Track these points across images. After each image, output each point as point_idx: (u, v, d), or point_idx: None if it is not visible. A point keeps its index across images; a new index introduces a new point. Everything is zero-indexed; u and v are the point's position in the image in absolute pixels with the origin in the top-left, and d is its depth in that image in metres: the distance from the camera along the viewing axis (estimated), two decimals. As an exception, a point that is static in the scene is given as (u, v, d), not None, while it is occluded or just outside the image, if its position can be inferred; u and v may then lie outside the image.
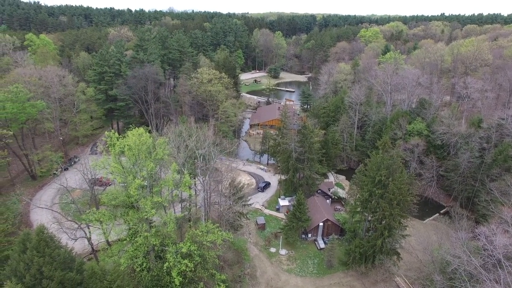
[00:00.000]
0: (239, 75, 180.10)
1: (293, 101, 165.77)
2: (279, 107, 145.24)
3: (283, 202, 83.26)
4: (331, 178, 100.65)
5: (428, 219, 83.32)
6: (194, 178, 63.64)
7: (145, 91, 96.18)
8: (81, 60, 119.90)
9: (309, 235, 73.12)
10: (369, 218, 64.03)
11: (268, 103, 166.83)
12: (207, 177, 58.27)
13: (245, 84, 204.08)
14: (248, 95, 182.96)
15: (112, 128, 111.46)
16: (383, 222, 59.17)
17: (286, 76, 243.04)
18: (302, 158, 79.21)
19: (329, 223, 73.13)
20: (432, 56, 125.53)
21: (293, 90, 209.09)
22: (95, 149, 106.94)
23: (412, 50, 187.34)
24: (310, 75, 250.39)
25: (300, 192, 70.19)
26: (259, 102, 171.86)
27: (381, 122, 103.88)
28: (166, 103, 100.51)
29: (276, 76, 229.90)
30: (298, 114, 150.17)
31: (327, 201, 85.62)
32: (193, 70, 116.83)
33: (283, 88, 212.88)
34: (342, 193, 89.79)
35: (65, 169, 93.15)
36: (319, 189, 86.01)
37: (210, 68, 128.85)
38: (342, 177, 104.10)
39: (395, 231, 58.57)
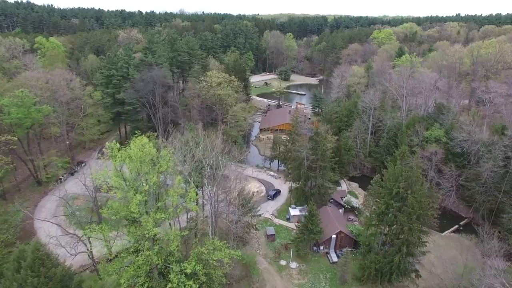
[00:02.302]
0: (249, 77, 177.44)
1: (304, 105, 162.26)
2: (289, 110, 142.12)
3: (294, 212, 79.97)
4: (344, 186, 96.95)
5: (447, 232, 78.93)
6: (201, 189, 60.89)
7: (153, 95, 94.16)
8: (89, 63, 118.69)
9: (321, 247, 69.68)
10: (385, 231, 60.35)
11: (278, 106, 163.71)
12: (214, 187, 55.50)
13: (255, 87, 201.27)
14: (258, 98, 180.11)
15: (120, 132, 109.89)
16: (401, 237, 55.42)
17: (296, 79, 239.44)
18: (314, 166, 75.75)
19: (342, 235, 69.63)
20: (449, 59, 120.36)
21: (304, 93, 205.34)
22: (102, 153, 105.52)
23: (427, 52, 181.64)
24: (321, 77, 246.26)
25: (312, 202, 66.86)
26: (269, 105, 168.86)
27: (396, 128, 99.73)
28: (174, 107, 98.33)
29: (286, 79, 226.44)
30: (309, 118, 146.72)
31: (340, 210, 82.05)
32: (202, 73, 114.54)
33: (294, 91, 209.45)
34: (355, 202, 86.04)
35: (71, 174, 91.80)
36: (332, 198, 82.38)
37: (220, 70, 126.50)
38: (355, 185, 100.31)
39: (414, 248, 54.67)
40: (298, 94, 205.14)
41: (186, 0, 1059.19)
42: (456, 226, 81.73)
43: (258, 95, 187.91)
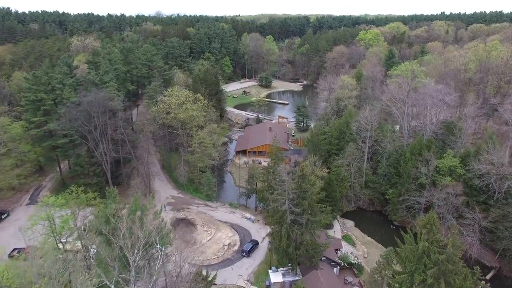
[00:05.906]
0: (225, 88, 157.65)
1: (286, 118, 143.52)
2: (270, 127, 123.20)
3: (276, 277, 60.91)
4: (337, 227, 78.87)
5: (472, 292, 61.30)
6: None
7: (93, 124, 73.54)
8: (15, 82, 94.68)
9: (313, 336, 50.89)
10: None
11: (258, 120, 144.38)
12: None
13: (233, 97, 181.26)
14: (236, 111, 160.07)
15: (60, 169, 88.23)
16: None
17: (278, 85, 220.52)
18: (299, 219, 56.90)
19: (341, 317, 51.11)
20: (451, 65, 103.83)
21: (287, 102, 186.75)
22: (37, 196, 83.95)
23: (419, 54, 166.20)
24: (305, 82, 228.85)
25: (298, 270, 48.16)
26: (248, 119, 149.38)
27: (398, 153, 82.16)
28: (121, 139, 77.61)
29: (267, 85, 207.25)
30: (293, 135, 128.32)
31: (334, 269, 63.60)
32: (161, 91, 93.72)
33: (276, 100, 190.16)
34: (353, 256, 67.77)
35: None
36: (324, 256, 63.60)
37: (186, 84, 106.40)
38: (350, 224, 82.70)
39: None
40: (280, 103, 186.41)
41: (164, 2, 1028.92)
42: (482, 282, 64.42)
43: (235, 106, 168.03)
